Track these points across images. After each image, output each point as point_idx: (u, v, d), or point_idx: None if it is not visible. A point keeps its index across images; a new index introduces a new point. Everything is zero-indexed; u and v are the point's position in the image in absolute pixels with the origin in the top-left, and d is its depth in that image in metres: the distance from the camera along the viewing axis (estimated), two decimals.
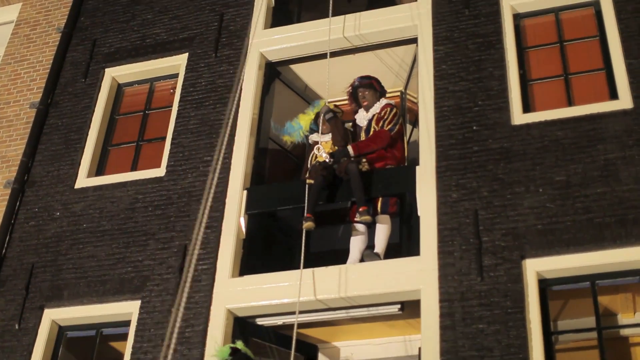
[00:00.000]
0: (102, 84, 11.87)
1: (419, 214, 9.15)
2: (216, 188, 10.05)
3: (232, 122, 10.49)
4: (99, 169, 11.22)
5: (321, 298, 8.99)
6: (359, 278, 8.92)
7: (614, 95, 9.32)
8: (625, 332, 9.15)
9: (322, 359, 10.10)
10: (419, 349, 8.63)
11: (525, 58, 10.07)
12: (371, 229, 9.64)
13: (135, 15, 12.41)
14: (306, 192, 9.34)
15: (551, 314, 8.42)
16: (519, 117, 9.41)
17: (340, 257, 9.50)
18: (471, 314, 8.30)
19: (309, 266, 9.17)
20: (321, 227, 9.69)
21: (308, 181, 9.52)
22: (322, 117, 10.11)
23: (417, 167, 9.44)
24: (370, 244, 9.51)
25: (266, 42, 11.22)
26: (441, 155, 9.40)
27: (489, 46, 10.01)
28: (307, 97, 11.66)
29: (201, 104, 10.96)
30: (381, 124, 9.98)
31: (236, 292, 9.28)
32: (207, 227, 9.80)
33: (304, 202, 9.34)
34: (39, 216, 10.81)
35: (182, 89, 11.24)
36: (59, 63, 12.28)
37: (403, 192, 9.95)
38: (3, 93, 12.32)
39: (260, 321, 9.36)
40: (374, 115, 10.13)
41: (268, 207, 10.16)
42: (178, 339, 9.09)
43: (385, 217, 9.59)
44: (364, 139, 10.04)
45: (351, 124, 10.60)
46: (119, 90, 12.00)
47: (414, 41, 10.64)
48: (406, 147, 10.32)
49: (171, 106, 11.29)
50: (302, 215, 9.26)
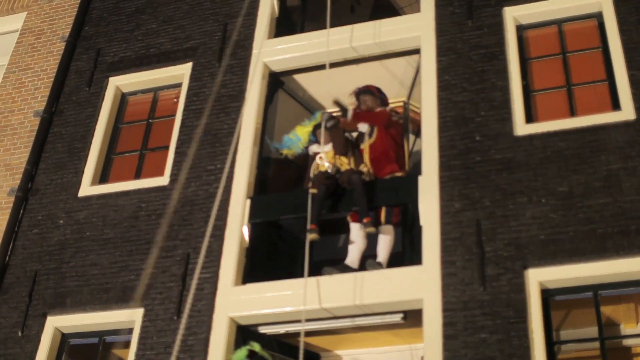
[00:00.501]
0: (106, 92, 11.89)
1: (422, 223, 9.16)
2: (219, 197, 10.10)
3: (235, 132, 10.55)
4: (103, 177, 11.24)
5: (324, 307, 8.99)
6: (362, 287, 8.92)
7: (616, 106, 9.35)
8: (627, 342, 9.15)
9: None
10: (422, 358, 8.66)
11: (528, 69, 10.10)
12: (372, 236, 9.64)
13: (139, 25, 12.46)
14: (309, 201, 9.36)
15: (554, 324, 8.42)
16: (521, 127, 9.43)
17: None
18: (474, 324, 8.31)
19: (311, 275, 9.18)
20: (324, 235, 9.69)
21: (311, 191, 9.54)
22: (323, 125, 10.11)
23: (420, 177, 9.46)
24: (373, 253, 9.52)
25: (270, 52, 11.25)
26: (444, 165, 9.43)
27: (492, 57, 10.04)
28: (311, 107, 11.68)
29: (204, 113, 10.98)
30: (380, 109, 10.08)
31: (239, 301, 9.30)
32: (210, 236, 9.83)
33: (307, 211, 9.35)
34: (42, 224, 10.83)
35: (185, 99, 11.27)
36: (63, 72, 12.33)
37: (406, 202, 9.98)
38: (7, 101, 12.36)
39: (263, 330, 9.37)
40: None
41: (271, 216, 10.18)
42: (181, 347, 9.12)
43: (388, 228, 9.61)
44: (366, 145, 10.05)
45: (356, 134, 10.61)
46: (122, 99, 12.02)
47: (417, 52, 10.67)
48: (407, 150, 10.33)
49: (175, 115, 11.32)
50: (304, 224, 9.26)
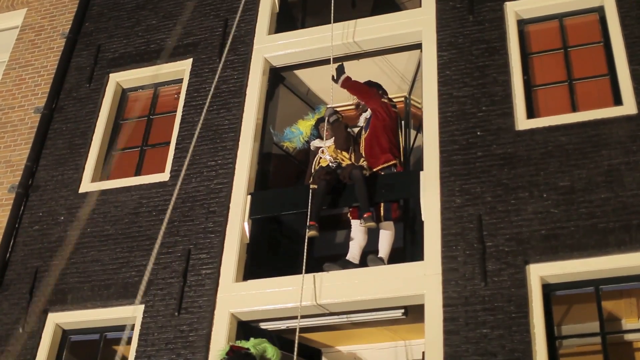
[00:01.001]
0: (107, 89, 11.88)
1: (423, 219, 9.15)
2: (220, 193, 10.08)
3: (236, 127, 10.54)
4: (103, 173, 11.23)
5: (324, 303, 8.99)
6: (363, 283, 8.93)
7: (618, 101, 9.33)
8: (629, 337, 9.15)
9: None
10: (423, 353, 8.64)
11: (529, 64, 10.08)
12: (372, 232, 9.63)
13: (139, 21, 12.43)
14: (308, 196, 9.34)
15: (555, 319, 8.40)
16: (523, 122, 9.41)
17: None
18: (475, 319, 8.30)
19: (312, 271, 9.18)
20: (324, 231, 9.69)
21: (312, 186, 9.53)
22: (325, 121, 10.11)
23: (421, 173, 9.45)
24: (374, 249, 9.51)
25: (270, 48, 11.24)
26: (445, 160, 9.41)
27: (493, 52, 10.02)
28: (311, 102, 11.67)
29: (205, 109, 10.95)
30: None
31: (240, 297, 9.29)
32: (211, 232, 9.83)
33: (308, 207, 9.34)
34: (43, 220, 10.82)
35: (186, 94, 11.25)
36: (64, 68, 12.31)
37: (407, 197, 9.98)
38: (8, 98, 12.34)
39: (264, 325, 9.36)
40: (371, 114, 10.14)
41: (272, 212, 10.18)
42: (182, 343, 9.11)
43: (389, 224, 9.60)
44: (364, 138, 10.03)
45: (357, 129, 10.61)
46: (123, 95, 12.00)
47: (418, 47, 10.66)
48: (401, 139, 10.31)
49: (175, 111, 11.30)
50: (305, 220, 9.25)
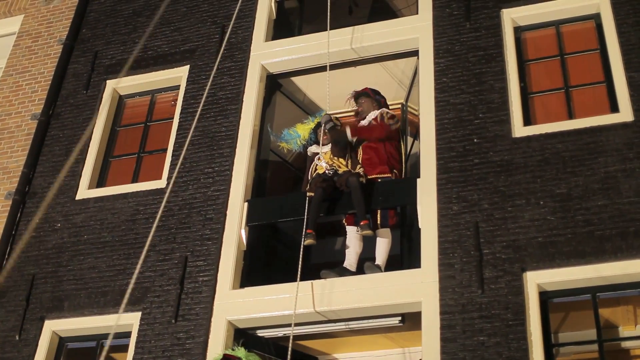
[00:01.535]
0: (104, 95, 11.87)
1: (420, 226, 9.15)
2: (217, 200, 10.08)
3: (233, 134, 10.54)
4: (100, 180, 11.22)
5: (321, 310, 8.98)
6: (360, 290, 8.92)
7: (614, 108, 9.33)
8: (626, 344, 9.13)
9: None
10: None
11: (526, 71, 10.08)
12: (369, 239, 9.62)
13: (136, 27, 12.44)
14: (305, 204, 9.33)
15: (552, 327, 8.40)
16: (519, 129, 9.41)
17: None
18: (472, 326, 8.29)
19: (309, 278, 9.18)
20: (321, 238, 9.69)
21: (308, 194, 9.52)
22: (322, 127, 10.11)
23: (418, 180, 9.45)
24: (370, 256, 9.50)
25: (267, 55, 11.24)
26: (442, 167, 9.41)
27: (489, 59, 10.03)
28: (308, 109, 11.67)
29: (202, 116, 10.96)
30: (379, 117, 10.03)
31: (237, 304, 9.28)
32: (208, 239, 9.83)
33: (305, 214, 9.34)
34: (39, 227, 10.80)
35: (183, 101, 11.25)
36: (61, 75, 12.30)
37: (404, 205, 9.97)
38: (4, 104, 12.34)
39: (261, 333, 9.35)
40: (370, 121, 10.13)
41: (269, 219, 10.15)
42: (179, 350, 9.10)
43: (385, 231, 9.58)
44: (362, 146, 10.02)
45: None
46: (120, 101, 12.00)
47: (415, 54, 10.66)
48: (403, 151, 10.30)
49: (172, 118, 11.30)
50: (302, 227, 9.24)
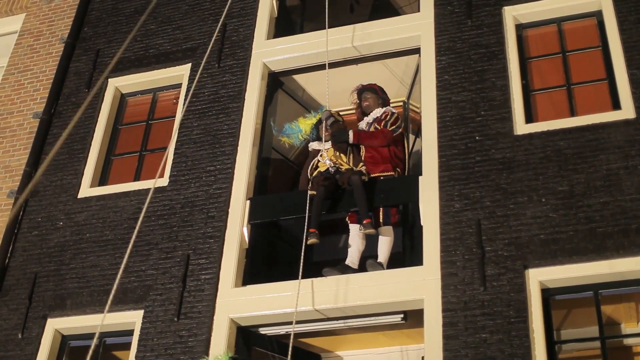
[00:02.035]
0: (106, 94, 11.89)
1: (422, 223, 9.15)
2: (219, 198, 10.09)
3: (235, 132, 10.54)
4: (102, 178, 11.22)
5: (323, 308, 8.99)
6: (362, 288, 8.92)
7: (616, 105, 9.33)
8: (628, 341, 9.15)
9: None
10: (422, 358, 8.64)
11: (527, 68, 10.08)
12: (371, 236, 9.62)
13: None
14: (307, 201, 9.33)
15: (554, 324, 8.40)
16: (521, 127, 9.41)
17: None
18: (474, 324, 8.29)
19: (311, 276, 9.19)
20: (323, 236, 9.68)
21: (310, 192, 9.51)
22: (324, 123, 10.09)
23: (420, 177, 9.45)
24: (373, 254, 9.50)
25: (269, 53, 11.25)
26: (444, 165, 9.42)
27: (491, 56, 10.03)
28: (310, 106, 11.67)
29: (204, 114, 10.97)
30: (383, 124, 9.99)
31: (239, 302, 9.28)
32: (210, 237, 9.84)
33: (306, 211, 9.34)
34: (42, 226, 10.82)
35: (185, 99, 11.25)
36: (62, 73, 12.30)
37: (406, 202, 9.98)
38: (6, 103, 12.35)
39: (263, 330, 9.37)
40: (375, 118, 10.14)
41: (271, 217, 10.16)
42: (181, 348, 9.11)
43: (387, 229, 9.58)
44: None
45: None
46: (122, 100, 12.01)
47: (416, 51, 10.67)
48: (407, 150, 10.30)
49: (174, 116, 11.31)
50: (305, 225, 9.24)
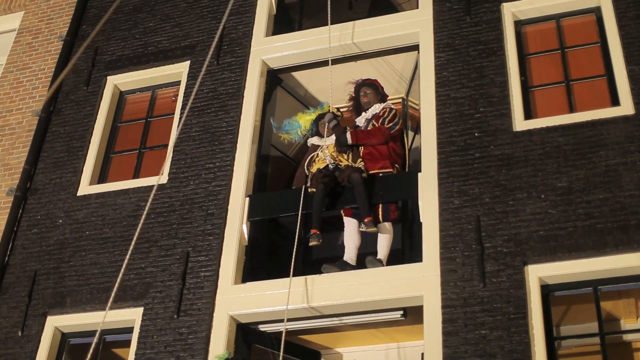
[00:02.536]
0: (104, 91, 11.88)
1: (421, 220, 9.16)
2: (218, 195, 10.09)
3: (234, 129, 10.54)
4: (102, 176, 11.23)
5: (323, 304, 8.99)
6: (362, 284, 8.92)
7: (615, 101, 9.34)
8: (628, 337, 9.17)
9: None
10: (422, 354, 8.64)
11: (526, 65, 10.08)
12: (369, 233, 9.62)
13: (137, 23, 12.43)
14: (301, 198, 9.30)
15: (554, 320, 8.41)
16: (520, 123, 9.42)
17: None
18: (474, 320, 8.30)
19: (311, 272, 9.21)
20: (323, 233, 9.68)
21: (310, 190, 9.50)
22: (327, 125, 10.07)
23: (419, 174, 9.45)
24: (372, 250, 9.50)
25: (268, 50, 11.24)
26: (443, 161, 9.42)
27: (490, 53, 10.03)
28: (309, 104, 11.66)
29: (203, 112, 10.97)
30: (381, 121, 9.96)
31: (239, 299, 9.29)
32: (209, 234, 9.84)
33: (306, 208, 9.33)
34: (41, 224, 10.82)
35: (184, 97, 11.25)
36: (61, 71, 12.29)
37: (405, 199, 9.98)
38: (5, 101, 12.34)
39: (263, 327, 9.37)
40: (373, 114, 10.12)
41: (270, 214, 10.17)
42: (181, 345, 9.12)
43: (387, 225, 9.59)
44: None
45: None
46: (121, 97, 12.01)
47: (415, 48, 10.67)
48: (407, 147, 10.29)
49: (173, 114, 11.31)
50: (304, 222, 9.23)
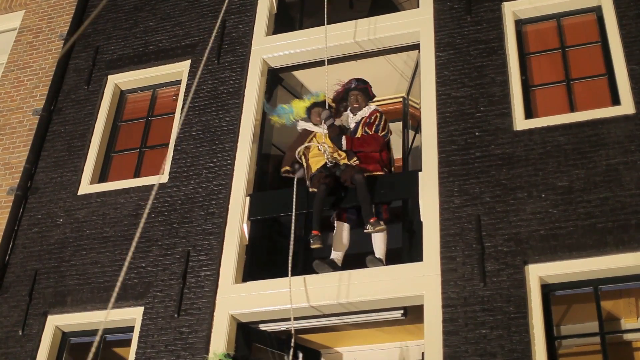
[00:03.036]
0: (105, 90, 11.88)
1: (422, 219, 9.16)
2: (219, 194, 10.09)
3: (235, 129, 10.54)
4: (102, 175, 11.23)
5: (323, 304, 9.00)
6: (362, 284, 8.93)
7: (616, 100, 9.33)
8: (628, 336, 9.17)
9: None
10: (422, 354, 8.64)
11: (527, 64, 10.09)
12: (358, 233, 9.60)
13: (137, 22, 12.43)
14: (294, 198, 9.27)
15: (554, 319, 8.41)
16: (521, 122, 9.42)
17: (344, 262, 9.48)
18: (474, 319, 8.31)
19: (311, 271, 9.21)
20: (323, 232, 9.69)
21: (311, 189, 9.45)
22: (323, 122, 9.98)
23: (420, 173, 9.46)
24: (367, 250, 9.49)
25: (268, 49, 11.25)
26: (443, 161, 9.42)
27: (491, 52, 10.03)
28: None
29: (204, 111, 10.98)
30: (374, 128, 9.92)
31: (239, 298, 9.29)
32: (210, 233, 9.84)
33: (307, 207, 9.32)
34: (42, 223, 10.83)
35: (184, 96, 11.25)
36: (62, 70, 12.31)
37: (406, 198, 9.98)
38: (6, 100, 12.34)
39: (263, 327, 9.37)
40: (363, 120, 10.07)
41: (271, 213, 10.17)
42: (181, 344, 9.12)
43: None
44: (355, 143, 9.94)
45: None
46: (121, 97, 12.01)
47: (416, 47, 10.66)
48: (391, 155, 10.28)
49: (174, 113, 11.31)
50: (305, 221, 9.22)
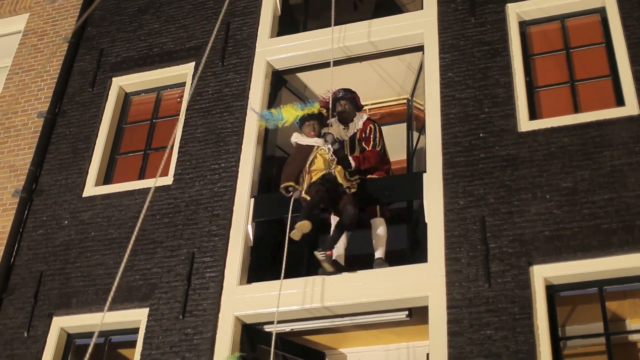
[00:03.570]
0: (110, 93, 11.91)
1: (426, 220, 9.17)
2: (223, 196, 10.11)
3: (239, 131, 10.56)
4: (107, 177, 11.25)
5: (328, 305, 9.00)
6: (367, 285, 8.93)
7: (620, 101, 9.34)
8: (633, 337, 9.13)
9: None
10: (427, 355, 8.65)
11: (531, 65, 10.09)
12: (365, 233, 9.62)
13: (142, 25, 12.46)
14: (291, 203, 9.29)
15: (559, 320, 8.42)
16: (525, 124, 9.43)
17: (348, 263, 9.51)
18: (479, 320, 8.31)
19: (316, 272, 9.22)
20: (325, 234, 9.71)
21: (303, 195, 9.32)
22: (329, 148, 9.68)
23: (424, 175, 9.47)
24: (366, 248, 9.50)
25: (272, 51, 11.26)
26: (448, 162, 9.43)
27: (495, 53, 10.04)
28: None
29: (208, 113, 11.00)
30: (371, 145, 9.90)
31: (244, 300, 9.30)
32: (214, 235, 9.85)
33: (290, 213, 9.26)
34: (47, 225, 10.84)
35: (189, 98, 11.25)
36: (67, 72, 12.33)
37: (410, 199, 9.99)
38: (11, 102, 12.37)
39: (268, 328, 9.35)
40: (358, 135, 10.00)
41: (275, 215, 10.16)
42: (187, 346, 9.13)
43: (382, 220, 9.58)
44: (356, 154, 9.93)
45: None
46: (126, 99, 12.03)
47: (420, 49, 10.67)
48: (408, 153, 10.29)
49: (178, 115, 11.32)
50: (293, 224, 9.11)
